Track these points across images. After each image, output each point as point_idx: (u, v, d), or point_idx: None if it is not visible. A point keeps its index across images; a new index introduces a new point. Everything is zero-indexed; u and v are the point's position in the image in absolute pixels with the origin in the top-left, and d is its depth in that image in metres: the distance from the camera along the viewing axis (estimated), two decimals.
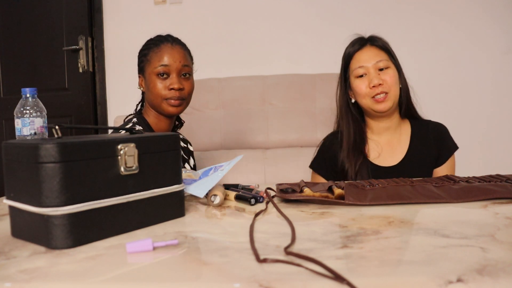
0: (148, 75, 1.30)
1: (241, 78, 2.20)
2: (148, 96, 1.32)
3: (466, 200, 0.85)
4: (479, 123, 2.31)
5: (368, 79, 1.26)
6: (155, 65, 1.28)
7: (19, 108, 1.01)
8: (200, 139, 2.07)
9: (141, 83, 1.36)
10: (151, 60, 1.30)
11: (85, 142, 0.64)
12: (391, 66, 1.27)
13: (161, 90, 1.27)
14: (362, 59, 1.27)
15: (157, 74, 1.28)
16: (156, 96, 1.28)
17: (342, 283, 0.46)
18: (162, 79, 1.28)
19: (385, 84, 1.24)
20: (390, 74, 1.25)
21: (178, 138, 0.80)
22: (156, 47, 1.31)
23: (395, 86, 1.26)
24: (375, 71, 1.25)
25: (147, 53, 1.32)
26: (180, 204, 0.80)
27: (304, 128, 2.07)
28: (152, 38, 1.36)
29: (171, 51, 1.29)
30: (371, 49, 1.28)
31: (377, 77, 1.24)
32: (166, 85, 1.28)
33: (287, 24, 2.42)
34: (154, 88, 1.28)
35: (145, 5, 2.50)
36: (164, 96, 1.28)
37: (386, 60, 1.26)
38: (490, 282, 0.46)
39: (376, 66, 1.26)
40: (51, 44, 2.63)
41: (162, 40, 1.33)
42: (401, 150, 1.32)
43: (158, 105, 1.30)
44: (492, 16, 2.30)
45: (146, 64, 1.31)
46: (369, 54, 1.27)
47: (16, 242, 0.66)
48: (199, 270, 0.53)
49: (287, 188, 0.94)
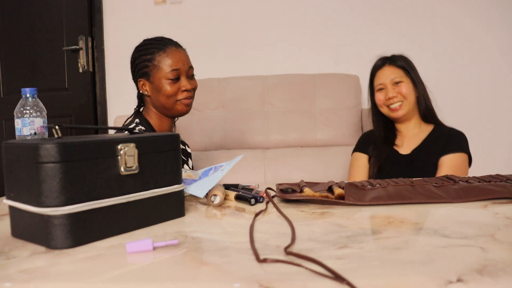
0: (157, 80, 1.32)
1: (241, 78, 2.20)
2: (157, 99, 1.34)
3: (466, 200, 0.85)
4: (479, 123, 2.31)
5: (385, 92, 1.53)
6: (167, 70, 1.31)
7: (19, 108, 1.01)
8: (200, 139, 2.07)
9: (144, 87, 1.36)
10: (160, 65, 1.32)
11: (85, 142, 0.64)
12: (405, 80, 1.53)
13: (174, 93, 1.32)
14: (381, 77, 1.55)
15: (169, 79, 1.31)
16: (168, 99, 1.32)
17: (342, 283, 0.46)
18: (174, 83, 1.32)
19: (399, 95, 1.51)
20: (403, 86, 1.52)
21: (178, 138, 0.80)
22: (162, 52, 1.33)
23: (410, 95, 1.51)
24: (391, 86, 1.52)
25: (151, 58, 1.33)
26: (180, 204, 0.80)
27: (304, 128, 2.07)
28: (149, 42, 1.36)
29: (179, 54, 1.34)
30: (389, 68, 1.55)
31: (392, 91, 1.52)
32: (178, 87, 1.33)
33: (287, 24, 2.42)
34: (167, 92, 1.32)
35: (145, 5, 2.50)
36: (177, 98, 1.33)
37: (400, 76, 1.53)
38: (490, 282, 0.46)
39: (392, 82, 1.53)
40: (51, 44, 2.62)
41: (166, 44, 1.34)
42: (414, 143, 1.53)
43: (170, 107, 1.34)
44: (492, 16, 2.30)
45: (153, 69, 1.32)
46: (387, 73, 1.55)
47: (16, 242, 0.66)
48: (199, 270, 0.53)
49: (287, 188, 0.94)
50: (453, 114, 2.00)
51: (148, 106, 1.39)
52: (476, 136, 2.28)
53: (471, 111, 2.31)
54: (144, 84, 1.36)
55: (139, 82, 1.37)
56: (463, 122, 2.24)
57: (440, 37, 2.33)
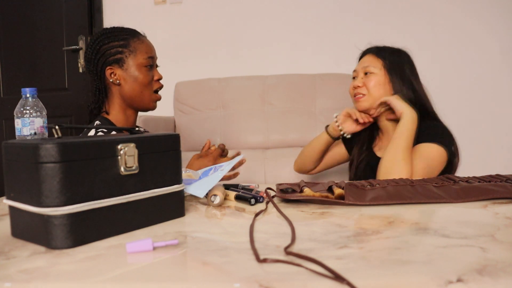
0: (132, 66, 1.28)
1: (241, 78, 2.20)
2: (130, 87, 1.29)
3: (466, 200, 0.85)
4: (479, 123, 2.31)
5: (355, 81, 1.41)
6: (144, 56, 1.29)
7: (19, 108, 1.01)
8: (200, 139, 2.07)
9: (113, 76, 1.29)
10: (136, 51, 1.28)
11: (85, 142, 0.64)
12: (377, 73, 1.36)
13: (151, 82, 1.30)
14: (359, 64, 1.43)
15: (146, 66, 1.29)
16: (145, 87, 1.29)
17: (342, 283, 0.46)
18: (149, 70, 1.30)
19: (364, 87, 1.37)
20: (372, 79, 1.36)
21: (179, 138, 0.80)
22: (137, 39, 1.30)
23: (375, 90, 1.36)
24: (362, 74, 1.39)
25: (126, 44, 1.28)
26: (180, 204, 0.80)
27: (304, 128, 2.07)
28: (118, 30, 1.32)
29: (150, 43, 1.33)
30: (369, 57, 1.41)
31: (359, 80, 1.39)
32: (152, 76, 1.31)
33: (287, 24, 2.42)
34: (145, 79, 1.28)
35: (145, 5, 2.50)
36: (153, 87, 1.31)
37: (374, 67, 1.37)
38: (490, 282, 0.46)
39: (363, 70, 1.39)
40: (51, 44, 2.63)
41: (136, 32, 1.32)
42: None
43: (145, 98, 1.30)
44: (492, 16, 2.30)
45: (128, 55, 1.28)
46: (364, 60, 1.41)
47: (16, 242, 0.66)
48: (199, 270, 0.53)
49: (287, 188, 0.94)
50: (453, 114, 2.00)
51: (113, 98, 1.31)
52: (476, 136, 2.29)
53: (471, 111, 2.32)
54: (114, 72, 1.29)
55: (107, 71, 1.29)
56: (463, 122, 2.24)
57: (440, 37, 2.33)
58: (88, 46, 1.32)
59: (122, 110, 1.33)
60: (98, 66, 1.30)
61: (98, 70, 1.30)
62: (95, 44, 1.30)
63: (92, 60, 1.31)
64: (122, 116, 1.33)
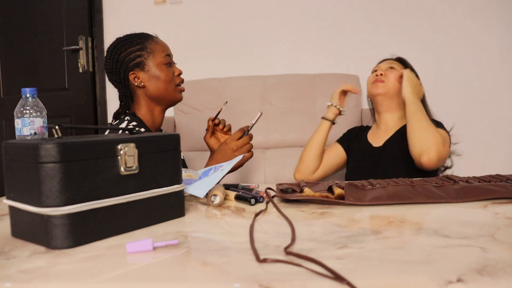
0: (153, 67, 1.32)
1: (241, 78, 2.20)
2: (156, 87, 1.33)
3: (466, 200, 0.85)
4: (479, 123, 2.31)
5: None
6: (161, 55, 1.33)
7: (19, 108, 1.01)
8: (200, 139, 2.07)
9: (137, 79, 1.32)
10: (154, 52, 1.33)
11: (85, 142, 0.64)
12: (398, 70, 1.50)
13: (173, 78, 1.35)
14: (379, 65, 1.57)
15: (165, 64, 1.33)
16: (169, 84, 1.34)
17: (342, 283, 0.46)
18: (169, 68, 1.34)
19: (386, 76, 1.49)
20: (393, 72, 1.49)
21: (179, 138, 0.80)
22: (151, 40, 1.35)
23: (393, 81, 1.48)
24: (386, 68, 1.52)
25: (142, 47, 1.32)
26: (180, 204, 0.80)
27: (304, 128, 2.07)
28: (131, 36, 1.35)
29: (164, 42, 1.38)
30: (388, 61, 1.56)
31: (383, 70, 1.51)
32: (173, 72, 1.36)
33: (287, 24, 2.42)
34: (168, 76, 1.33)
35: (145, 5, 2.50)
36: (176, 82, 1.36)
37: (398, 66, 1.51)
38: (490, 282, 0.46)
39: (389, 64, 1.53)
40: (51, 44, 2.62)
41: (149, 35, 1.37)
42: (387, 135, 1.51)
43: (171, 93, 1.35)
44: (492, 16, 2.30)
45: (147, 57, 1.32)
46: (389, 61, 1.56)
47: (16, 242, 0.66)
48: (199, 270, 0.53)
49: (287, 188, 0.94)
50: (453, 114, 2.00)
51: (139, 100, 1.35)
52: (476, 136, 2.28)
53: (471, 111, 2.31)
54: (137, 76, 1.32)
55: (131, 76, 1.32)
56: (463, 122, 2.24)
57: (440, 37, 2.33)
58: (107, 58, 1.35)
59: (149, 111, 1.36)
60: (121, 73, 1.33)
61: (122, 78, 1.33)
62: (113, 54, 1.34)
63: (114, 70, 1.34)
64: (149, 117, 1.37)
